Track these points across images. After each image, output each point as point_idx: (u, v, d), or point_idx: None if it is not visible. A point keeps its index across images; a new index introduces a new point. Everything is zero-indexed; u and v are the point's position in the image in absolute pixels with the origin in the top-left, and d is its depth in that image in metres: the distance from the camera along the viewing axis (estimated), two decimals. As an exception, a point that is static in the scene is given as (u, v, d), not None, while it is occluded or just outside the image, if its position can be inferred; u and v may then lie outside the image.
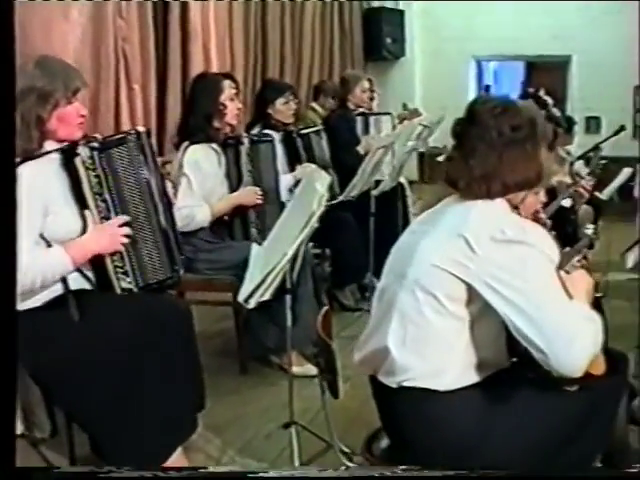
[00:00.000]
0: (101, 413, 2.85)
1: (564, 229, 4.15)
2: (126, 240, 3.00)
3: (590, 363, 2.25)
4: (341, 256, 5.46)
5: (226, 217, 4.50)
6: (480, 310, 2.34)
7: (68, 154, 2.93)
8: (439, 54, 11.38)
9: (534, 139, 2.43)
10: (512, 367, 2.51)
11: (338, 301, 5.79)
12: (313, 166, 3.21)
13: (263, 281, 2.65)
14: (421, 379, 2.38)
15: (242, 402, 4.10)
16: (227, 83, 4.47)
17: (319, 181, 2.72)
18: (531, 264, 2.25)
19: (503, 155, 2.39)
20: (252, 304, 2.71)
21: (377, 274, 5.27)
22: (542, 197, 2.75)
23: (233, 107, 4.45)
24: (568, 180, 5.34)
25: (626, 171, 7.25)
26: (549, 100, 11.50)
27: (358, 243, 5.52)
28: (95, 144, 2.98)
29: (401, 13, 11.12)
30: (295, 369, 4.03)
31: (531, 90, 9.76)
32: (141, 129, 3.13)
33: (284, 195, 4.84)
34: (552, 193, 4.25)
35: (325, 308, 2.71)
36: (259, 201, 4.51)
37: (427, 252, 2.36)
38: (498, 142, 2.39)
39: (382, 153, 5.03)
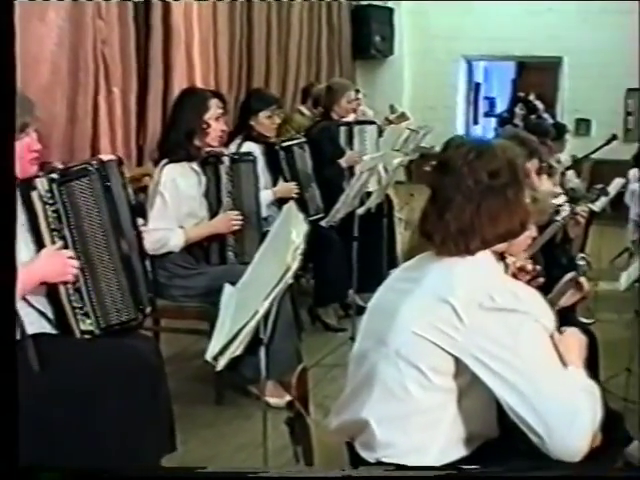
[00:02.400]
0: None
1: (557, 260, 3.99)
2: (76, 271, 2.82)
3: None
4: (324, 274, 5.33)
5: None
6: (469, 383, 2.16)
7: (24, 189, 2.76)
8: (428, 53, 11.31)
9: (516, 183, 2.22)
10: (501, 437, 2.34)
11: (321, 320, 5.66)
12: (292, 204, 3.04)
13: (233, 339, 2.48)
14: (403, 456, 2.21)
15: (217, 437, 3.96)
16: (214, 102, 4.29)
17: (296, 229, 2.54)
18: (524, 335, 2.06)
19: (481, 206, 2.18)
20: (221, 365, 2.54)
21: (360, 292, 5.24)
22: (533, 232, 2.59)
23: (217, 127, 4.26)
24: (558, 190, 5.19)
25: (618, 182, 7.12)
26: (540, 105, 11.48)
27: (341, 261, 5.37)
28: (55, 175, 2.80)
29: (390, 11, 11.03)
30: (272, 400, 3.88)
31: (521, 95, 9.75)
32: (107, 158, 2.97)
33: (264, 212, 4.70)
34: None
35: (301, 366, 2.53)
36: (236, 228, 4.32)
37: (408, 318, 2.17)
38: (475, 191, 2.18)
39: (367, 177, 4.86)
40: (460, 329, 2.08)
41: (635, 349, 4.54)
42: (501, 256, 2.37)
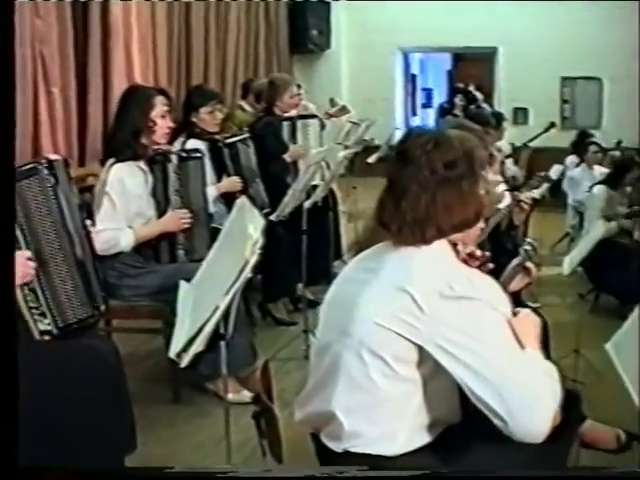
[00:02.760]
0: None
1: (503, 246, 4.06)
2: (33, 271, 2.79)
3: None
4: (272, 269, 5.31)
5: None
6: (432, 370, 2.18)
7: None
8: (365, 46, 11.38)
9: (472, 175, 2.23)
10: (463, 421, 2.36)
11: (272, 315, 5.67)
12: (244, 199, 3.02)
13: (196, 335, 2.48)
14: (370, 445, 2.23)
15: (176, 436, 3.93)
16: (159, 99, 4.25)
17: (252, 224, 2.55)
18: (484, 322, 2.09)
19: (437, 196, 2.19)
20: (185, 362, 2.54)
21: (309, 285, 5.27)
22: (482, 224, 2.62)
23: (163, 125, 4.23)
24: (499, 178, 5.27)
25: (557, 168, 7.24)
26: (479, 96, 11.61)
27: (289, 255, 5.37)
28: (2, 176, 2.77)
29: (327, 5, 11.04)
30: (230, 396, 3.88)
31: (461, 86, 9.84)
32: (54, 157, 2.96)
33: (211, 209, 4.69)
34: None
35: (264, 360, 2.54)
36: (186, 226, 4.29)
37: (369, 308, 2.17)
38: (431, 182, 2.19)
39: (313, 171, 4.87)
40: (421, 318, 2.09)
41: (581, 331, 4.64)
42: (453, 244, 2.39)
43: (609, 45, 10.80)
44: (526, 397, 2.06)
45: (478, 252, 2.87)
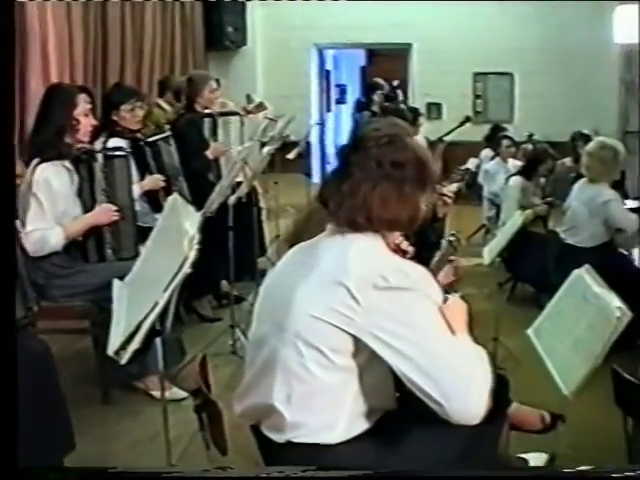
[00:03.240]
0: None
1: (427, 239, 4.14)
2: None
3: None
4: (197, 266, 5.30)
5: (80, 238, 4.26)
6: (367, 359, 2.25)
7: None
8: (281, 42, 11.41)
9: (416, 182, 2.31)
10: (398, 408, 2.44)
11: (196, 312, 5.68)
12: (176, 196, 3.03)
13: (135, 332, 2.50)
14: (312, 435, 2.28)
15: (108, 436, 3.92)
16: (82, 97, 4.23)
17: (188, 220, 2.58)
18: (417, 311, 2.17)
19: (376, 188, 2.27)
20: (125, 359, 2.55)
21: (234, 281, 5.30)
22: None
23: (87, 123, 4.21)
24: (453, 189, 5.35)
25: (472, 162, 7.38)
26: (400, 95, 11.74)
27: (213, 252, 5.37)
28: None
29: (242, 2, 11.02)
30: (159, 394, 3.88)
31: (380, 81, 9.86)
32: None
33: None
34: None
35: (203, 355, 2.56)
36: (115, 218, 4.28)
37: (306, 302, 2.23)
38: (375, 174, 2.27)
39: (239, 167, 4.90)
40: (357, 310, 2.16)
41: (500, 320, 4.77)
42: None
43: (520, 41, 11.11)
44: (461, 380, 2.15)
45: (404, 244, 2.95)
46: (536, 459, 3.58)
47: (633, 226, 5.59)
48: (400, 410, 2.43)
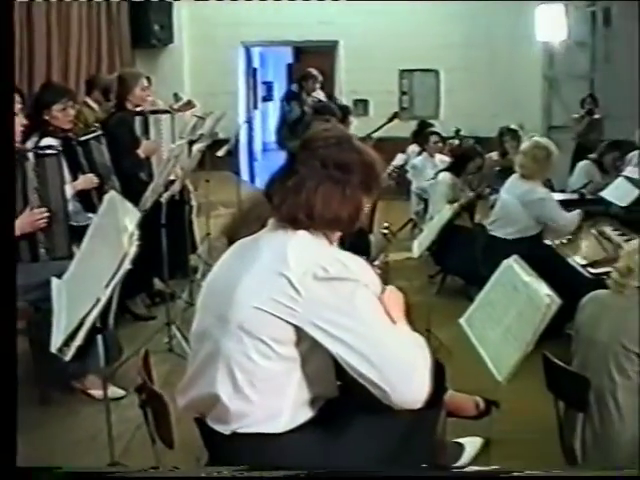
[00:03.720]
0: None
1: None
2: None
3: None
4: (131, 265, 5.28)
5: (13, 239, 4.20)
6: (309, 349, 2.31)
7: None
8: (208, 40, 11.38)
9: (360, 185, 2.38)
10: (341, 393, 2.52)
11: (130, 311, 5.67)
12: (113, 193, 3.03)
13: (77, 329, 2.51)
14: (256, 424, 2.33)
15: (49, 436, 3.90)
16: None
17: (128, 216, 2.61)
18: (357, 300, 2.23)
19: (319, 188, 2.34)
20: (69, 355, 2.56)
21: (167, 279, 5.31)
22: None
23: (17, 122, 4.17)
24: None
25: (400, 157, 7.52)
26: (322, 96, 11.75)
27: (146, 251, 5.35)
28: None
29: (169, 0, 10.93)
30: (98, 393, 3.89)
31: (316, 74, 9.79)
32: None
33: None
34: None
35: (145, 350, 2.59)
36: (42, 225, 4.23)
37: (248, 294, 2.28)
38: (319, 173, 2.35)
39: (173, 165, 4.91)
40: (298, 300, 2.22)
41: (431, 312, 4.86)
42: None
43: (445, 38, 11.30)
44: (403, 366, 2.22)
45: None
46: (471, 443, 3.70)
47: (570, 225, 5.70)
48: (342, 398, 2.50)
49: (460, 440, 3.73)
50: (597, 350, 3.26)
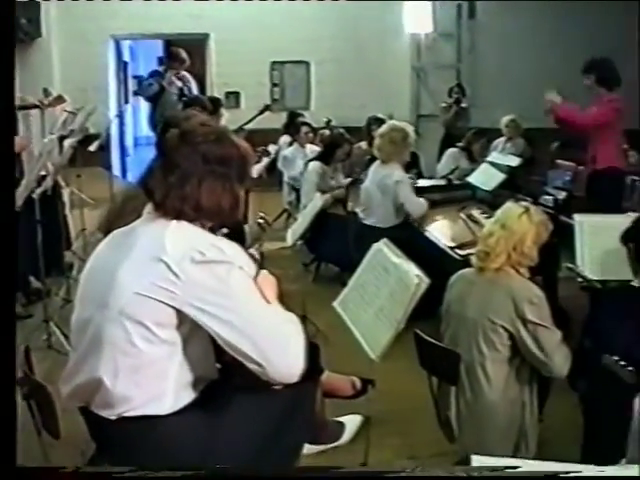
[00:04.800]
0: None
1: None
2: None
3: None
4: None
5: None
6: (190, 332, 2.40)
7: None
8: (77, 34, 11.18)
9: (238, 176, 2.49)
10: (221, 375, 2.62)
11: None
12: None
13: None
14: (141, 407, 2.40)
15: None
16: None
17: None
18: (233, 281, 2.34)
19: (203, 181, 2.43)
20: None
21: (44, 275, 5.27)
22: None
23: None
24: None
25: (271, 148, 7.63)
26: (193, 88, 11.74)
27: (24, 248, 5.31)
28: None
29: (34, -8, 10.69)
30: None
31: (184, 57, 9.71)
32: None
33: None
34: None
35: (25, 346, 2.62)
36: None
37: (128, 280, 2.35)
38: (201, 168, 2.43)
39: (44, 162, 4.89)
40: (177, 283, 2.31)
41: (307, 299, 5.00)
42: None
43: (316, 31, 11.52)
44: (278, 341, 2.36)
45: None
46: (352, 421, 3.86)
47: (418, 210, 5.87)
48: (223, 380, 2.61)
49: (340, 419, 3.88)
50: (466, 325, 3.43)
